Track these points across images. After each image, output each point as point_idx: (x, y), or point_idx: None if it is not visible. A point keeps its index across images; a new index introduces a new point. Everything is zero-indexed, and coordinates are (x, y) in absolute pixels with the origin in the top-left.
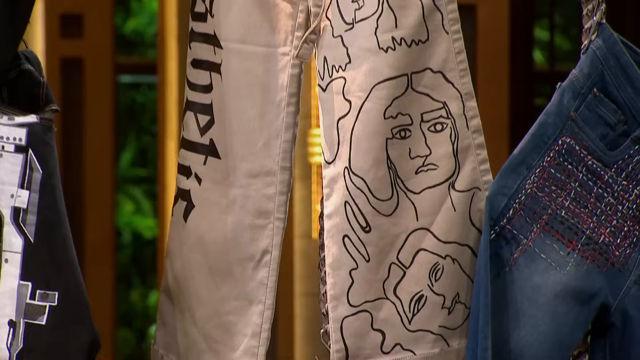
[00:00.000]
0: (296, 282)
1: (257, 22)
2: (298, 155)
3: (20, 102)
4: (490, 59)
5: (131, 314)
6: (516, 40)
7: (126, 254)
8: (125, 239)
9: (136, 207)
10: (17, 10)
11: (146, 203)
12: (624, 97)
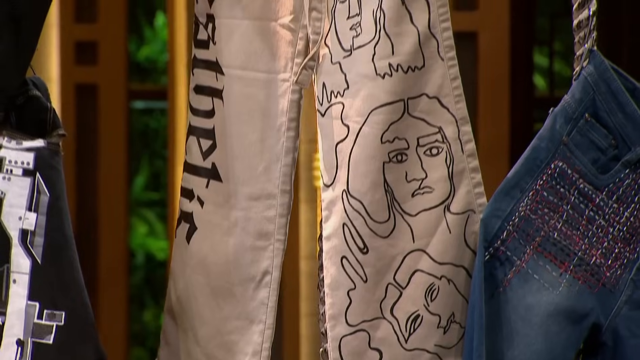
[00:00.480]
0: (302, 302)
1: (258, 49)
2: (303, 178)
3: (28, 127)
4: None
5: (144, 333)
6: (516, 66)
7: (139, 275)
8: (139, 260)
9: (149, 229)
10: (24, 38)
11: (159, 225)
12: (615, 122)
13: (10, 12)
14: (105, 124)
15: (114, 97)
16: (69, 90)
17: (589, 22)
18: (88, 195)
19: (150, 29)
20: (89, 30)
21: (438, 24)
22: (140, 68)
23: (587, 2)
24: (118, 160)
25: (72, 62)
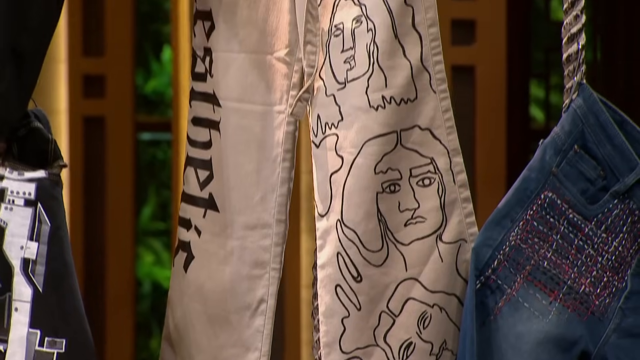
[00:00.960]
0: (303, 330)
1: (254, 82)
2: (304, 208)
3: (29, 158)
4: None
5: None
6: (513, 99)
7: (146, 303)
8: (145, 289)
9: (156, 258)
10: (26, 71)
11: (165, 255)
12: (603, 154)
13: (13, 46)
14: (113, 155)
15: (121, 129)
16: (77, 123)
17: (578, 55)
18: (96, 224)
19: (157, 63)
20: (97, 64)
21: (430, 58)
22: (148, 100)
23: (577, 37)
24: (125, 191)
25: (80, 95)
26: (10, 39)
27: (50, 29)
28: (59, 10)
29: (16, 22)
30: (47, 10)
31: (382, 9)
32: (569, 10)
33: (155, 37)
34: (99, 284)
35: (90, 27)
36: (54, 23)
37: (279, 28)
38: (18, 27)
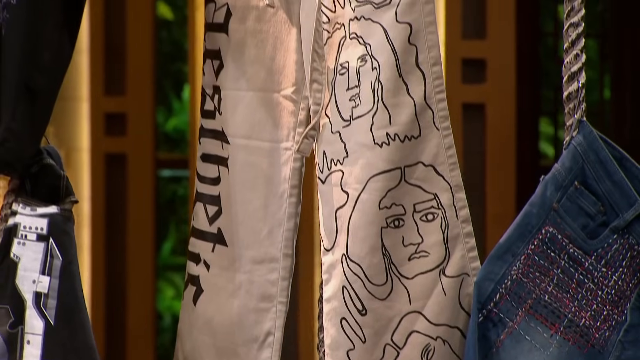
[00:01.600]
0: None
1: (261, 120)
2: (318, 242)
3: (42, 194)
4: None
5: None
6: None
7: (167, 336)
8: (166, 322)
9: (176, 292)
10: (39, 109)
11: None
12: (603, 190)
13: (27, 84)
14: (134, 192)
15: (142, 166)
16: (99, 160)
17: (579, 94)
18: (117, 259)
19: (178, 101)
20: (118, 102)
21: (433, 95)
22: (169, 138)
23: (577, 75)
24: (146, 227)
25: (101, 133)
26: (25, 77)
27: (63, 67)
28: (71, 48)
29: (30, 60)
30: (60, 48)
31: (387, 48)
32: (569, 49)
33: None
34: (120, 318)
35: (112, 66)
36: (67, 61)
37: (286, 66)
38: (32, 65)
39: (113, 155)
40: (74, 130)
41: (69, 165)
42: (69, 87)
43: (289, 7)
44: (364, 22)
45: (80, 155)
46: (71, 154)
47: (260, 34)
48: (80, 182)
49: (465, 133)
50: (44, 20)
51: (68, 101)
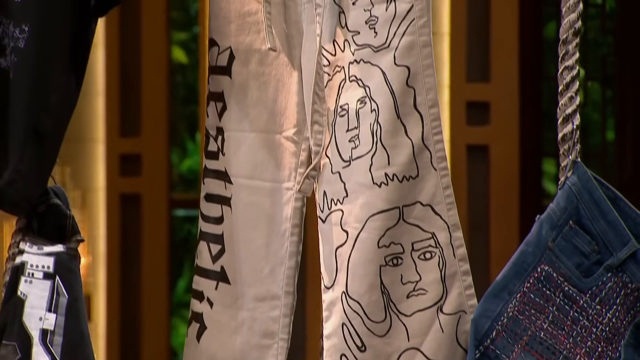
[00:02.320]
0: None
1: (264, 160)
2: None
3: (48, 233)
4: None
5: None
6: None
7: None
8: (180, 359)
9: None
10: (46, 150)
11: None
12: (597, 229)
13: (34, 127)
14: (149, 231)
15: (157, 206)
16: (114, 200)
17: (573, 135)
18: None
19: (192, 143)
20: (133, 144)
21: (431, 137)
22: (183, 178)
23: (571, 117)
24: (161, 265)
25: (117, 174)
26: (32, 120)
27: (69, 110)
28: (77, 91)
29: (37, 103)
30: (66, 91)
31: (385, 90)
32: (564, 92)
33: (190, 119)
34: (135, 354)
35: (127, 108)
36: (73, 104)
37: (287, 108)
38: (39, 108)
39: (128, 195)
40: (90, 170)
41: (85, 205)
42: (85, 128)
43: (291, 50)
44: (364, 65)
45: (96, 195)
46: (87, 194)
47: (262, 77)
48: (96, 222)
49: (469, 174)
50: (51, 64)
51: (84, 143)
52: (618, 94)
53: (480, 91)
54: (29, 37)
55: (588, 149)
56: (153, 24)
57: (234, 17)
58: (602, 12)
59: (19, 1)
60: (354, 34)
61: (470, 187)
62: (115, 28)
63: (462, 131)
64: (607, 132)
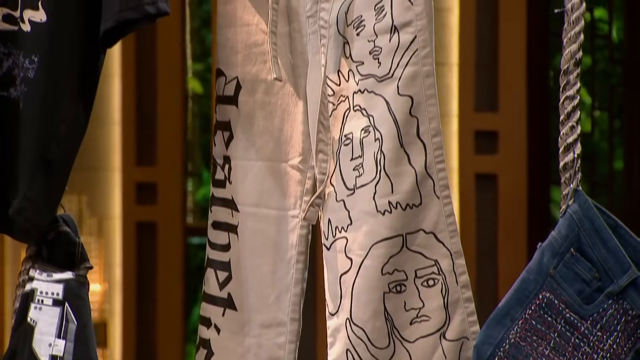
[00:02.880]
0: None
1: (270, 188)
2: None
3: (57, 260)
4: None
5: None
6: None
7: None
8: None
9: None
10: (56, 179)
11: None
12: (598, 256)
13: (43, 155)
14: (164, 258)
15: (172, 233)
16: (130, 228)
17: (574, 164)
18: (148, 323)
19: (207, 171)
20: (149, 172)
21: (434, 165)
22: (199, 207)
23: (572, 146)
24: (176, 292)
25: (133, 202)
26: (41, 149)
27: (78, 139)
28: (86, 120)
29: (47, 132)
30: (75, 121)
31: (389, 119)
32: (565, 121)
33: (206, 148)
34: None
35: (143, 138)
36: (82, 133)
37: (293, 137)
38: (48, 137)
39: (144, 223)
40: (107, 199)
41: (101, 233)
42: (102, 157)
43: (296, 80)
44: (368, 94)
45: (113, 223)
46: (103, 222)
47: (268, 106)
48: (112, 249)
49: (478, 202)
50: (60, 95)
51: (101, 171)
52: (627, 123)
53: (489, 121)
54: (39, 68)
55: (596, 178)
56: (169, 55)
57: (240, 48)
58: (609, 43)
59: (29, 32)
60: (358, 64)
61: (479, 215)
62: (132, 58)
63: (471, 160)
64: (615, 161)
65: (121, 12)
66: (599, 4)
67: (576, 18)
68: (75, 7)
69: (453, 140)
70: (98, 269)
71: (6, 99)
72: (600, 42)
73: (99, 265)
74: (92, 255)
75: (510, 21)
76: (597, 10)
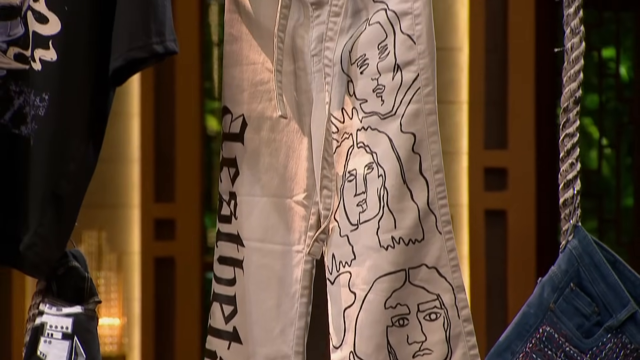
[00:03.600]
0: None
1: (275, 224)
2: None
3: (67, 294)
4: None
5: None
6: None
7: None
8: None
9: None
10: (65, 214)
11: None
12: (598, 291)
13: (53, 192)
14: (182, 293)
15: (190, 269)
16: (149, 263)
17: (574, 200)
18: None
19: None
20: (168, 209)
21: (436, 201)
22: None
23: (572, 183)
24: (193, 326)
25: (151, 238)
26: (51, 185)
27: (87, 176)
28: (95, 158)
29: (56, 170)
30: (84, 158)
31: (392, 156)
32: (565, 158)
33: None
34: None
35: (161, 175)
36: (91, 170)
37: (297, 174)
38: (58, 174)
39: (162, 259)
40: (126, 235)
41: (120, 268)
42: (121, 194)
43: (301, 118)
44: (371, 132)
45: (132, 259)
46: (123, 258)
47: (274, 143)
48: (131, 284)
49: (487, 238)
50: (70, 132)
51: (120, 208)
52: (637, 160)
53: (498, 158)
54: (49, 106)
55: (604, 215)
56: (187, 94)
57: (246, 86)
58: (617, 82)
59: (40, 70)
60: (361, 102)
61: (488, 251)
62: (151, 97)
63: (481, 196)
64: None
65: (129, 51)
66: (608, 44)
67: (575, 57)
68: (86, 47)
69: (463, 177)
70: (117, 303)
71: (17, 136)
72: (610, 81)
73: (118, 300)
74: (111, 289)
75: (519, 60)
76: (605, 50)
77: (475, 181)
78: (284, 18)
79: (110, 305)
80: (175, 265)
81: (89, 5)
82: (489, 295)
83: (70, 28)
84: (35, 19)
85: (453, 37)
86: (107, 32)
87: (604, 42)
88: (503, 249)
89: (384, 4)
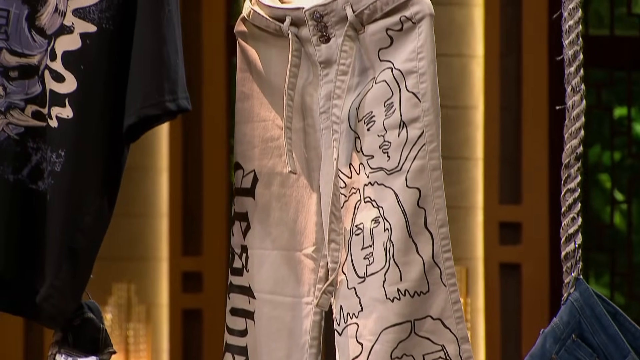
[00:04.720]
0: None
1: (285, 276)
2: None
3: (83, 345)
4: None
5: None
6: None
7: None
8: None
9: None
10: (81, 267)
11: None
12: (599, 342)
13: (69, 245)
14: (209, 345)
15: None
16: (177, 315)
17: (575, 253)
18: None
19: None
20: (195, 262)
21: (441, 254)
22: None
23: (574, 237)
24: None
25: (179, 290)
26: (67, 239)
27: (102, 229)
28: (110, 212)
29: (72, 224)
30: (99, 212)
31: (397, 210)
32: (566, 213)
33: None
34: None
35: (189, 229)
36: (106, 224)
37: (307, 228)
38: (73, 228)
39: (190, 311)
40: (155, 287)
41: (149, 320)
42: (150, 248)
43: (310, 173)
44: (377, 187)
45: (160, 311)
46: (151, 310)
47: (284, 198)
48: (160, 336)
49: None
50: (85, 187)
51: (149, 261)
52: None
53: (512, 212)
54: (65, 162)
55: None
56: (214, 149)
57: (257, 142)
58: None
59: (57, 127)
60: (368, 158)
61: (503, 303)
62: (179, 153)
63: (495, 250)
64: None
65: (142, 109)
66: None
67: (576, 115)
68: (101, 104)
69: (478, 231)
70: (146, 354)
71: (34, 191)
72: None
73: (147, 351)
74: (140, 340)
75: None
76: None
77: (490, 235)
78: (294, 76)
79: (139, 356)
80: (203, 317)
81: (104, 64)
82: (503, 346)
83: (86, 86)
84: (52, 77)
85: (469, 96)
86: (121, 89)
87: (617, 101)
88: (517, 301)
89: (390, 62)
